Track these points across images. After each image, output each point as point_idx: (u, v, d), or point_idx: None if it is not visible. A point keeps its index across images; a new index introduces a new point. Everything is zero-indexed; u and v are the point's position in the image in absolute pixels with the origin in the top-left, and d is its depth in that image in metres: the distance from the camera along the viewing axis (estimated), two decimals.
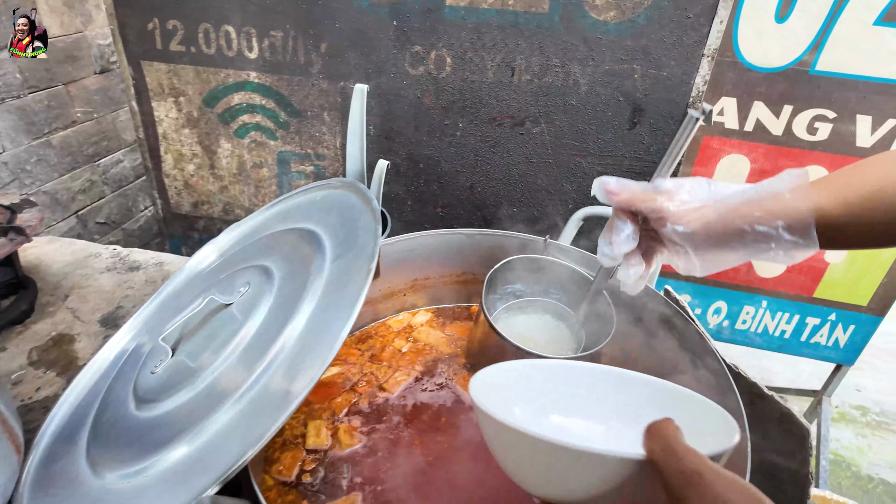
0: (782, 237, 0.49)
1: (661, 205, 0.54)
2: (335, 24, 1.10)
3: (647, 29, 0.99)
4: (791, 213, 0.48)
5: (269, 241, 0.88)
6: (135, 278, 1.18)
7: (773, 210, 0.49)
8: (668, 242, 0.56)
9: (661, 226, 0.54)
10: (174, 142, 1.30)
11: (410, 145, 1.21)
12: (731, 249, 0.52)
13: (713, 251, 0.53)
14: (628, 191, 0.56)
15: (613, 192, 0.57)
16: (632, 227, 0.57)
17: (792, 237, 0.48)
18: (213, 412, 0.63)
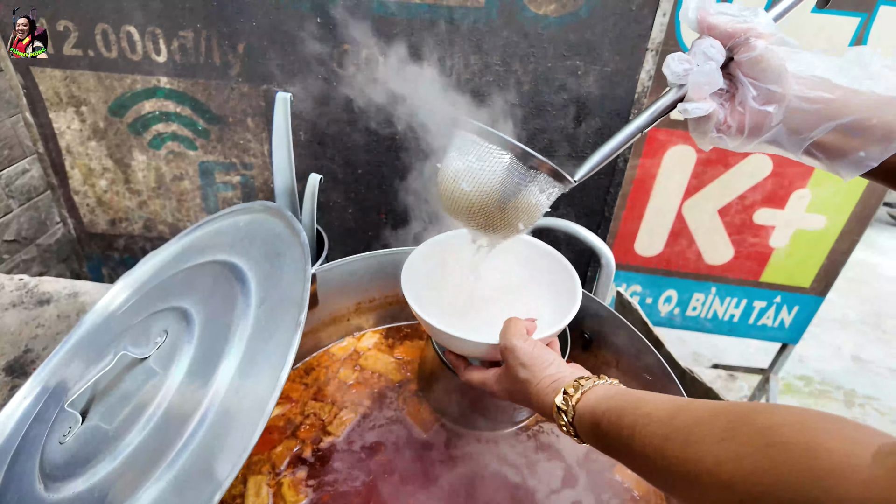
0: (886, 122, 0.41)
1: (758, 26, 0.45)
2: (252, 22, 0.99)
3: (590, 22, 0.94)
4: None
5: (189, 275, 0.79)
6: (45, 314, 1.05)
7: (887, 122, 0.42)
8: (751, 81, 0.46)
9: (750, 49, 0.45)
10: (80, 156, 1.17)
11: (347, 150, 1.12)
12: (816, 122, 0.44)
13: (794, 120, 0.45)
14: (722, 14, 0.46)
15: (708, 13, 0.46)
16: (722, 51, 0.47)
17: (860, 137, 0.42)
18: (134, 492, 0.55)
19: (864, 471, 0.27)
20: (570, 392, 0.50)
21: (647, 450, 0.40)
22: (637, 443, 0.41)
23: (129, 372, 0.66)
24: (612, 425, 0.44)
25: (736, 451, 0.33)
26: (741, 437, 0.33)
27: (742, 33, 0.46)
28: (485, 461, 0.74)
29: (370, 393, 0.85)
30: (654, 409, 0.42)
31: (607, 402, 0.47)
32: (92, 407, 0.66)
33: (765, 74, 0.46)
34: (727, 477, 0.33)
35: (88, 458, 0.60)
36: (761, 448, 0.31)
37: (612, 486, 0.71)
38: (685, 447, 0.36)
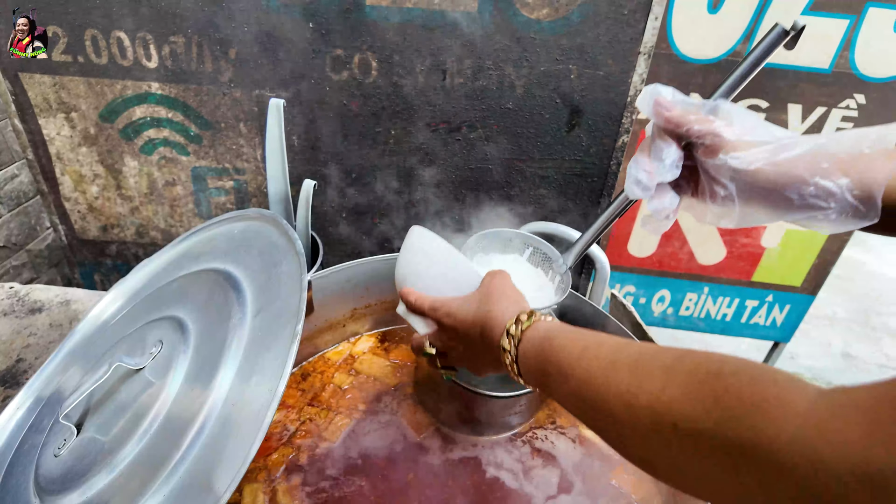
0: (845, 199, 0.41)
1: (719, 129, 0.45)
2: (243, 28, 0.98)
3: (582, 27, 0.94)
4: (863, 173, 0.41)
5: (183, 284, 0.79)
6: (37, 322, 1.04)
7: (844, 164, 0.42)
8: (709, 180, 0.47)
9: (710, 155, 0.46)
10: (71, 162, 1.16)
11: (340, 155, 1.12)
12: (779, 202, 0.44)
13: (759, 199, 0.45)
14: (682, 106, 0.47)
15: (665, 107, 0.47)
16: (677, 152, 0.47)
17: (855, 201, 0.41)
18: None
19: (806, 401, 0.26)
20: (512, 331, 0.49)
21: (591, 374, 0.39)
22: (581, 368, 0.40)
23: (124, 382, 0.65)
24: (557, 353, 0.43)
25: (679, 388, 0.33)
26: (685, 373, 0.33)
27: (704, 135, 0.46)
28: (480, 467, 0.74)
29: (366, 397, 0.85)
30: (604, 339, 0.42)
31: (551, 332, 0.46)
32: (87, 418, 0.65)
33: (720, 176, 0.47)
34: (666, 399, 0.33)
35: (84, 470, 0.60)
36: (707, 376, 0.31)
37: (608, 491, 0.72)
38: (630, 374, 0.36)
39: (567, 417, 0.82)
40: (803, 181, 0.43)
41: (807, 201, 0.43)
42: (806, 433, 0.25)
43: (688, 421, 0.31)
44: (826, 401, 0.26)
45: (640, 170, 0.48)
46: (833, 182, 0.42)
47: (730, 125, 0.46)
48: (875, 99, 1.17)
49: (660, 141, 0.48)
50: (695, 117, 0.46)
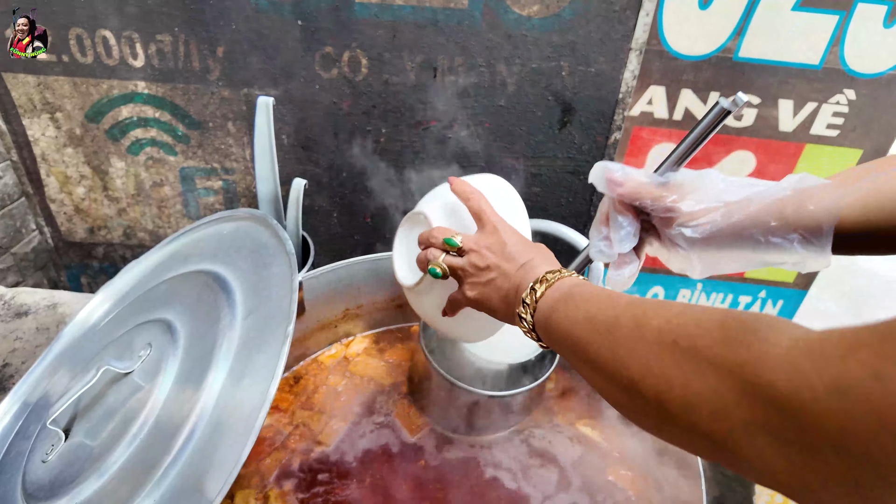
0: (796, 249, 0.45)
1: (671, 204, 0.48)
2: (231, 26, 0.97)
3: (573, 24, 0.94)
4: (809, 223, 0.44)
5: (172, 286, 0.77)
6: (23, 326, 1.03)
7: (790, 220, 0.44)
8: (668, 243, 0.50)
9: (666, 226, 0.49)
10: (56, 163, 1.14)
11: (331, 154, 1.11)
12: (738, 256, 0.48)
13: (717, 257, 0.48)
14: (633, 182, 0.49)
15: (617, 183, 0.49)
16: (634, 224, 0.50)
17: (805, 250, 0.44)
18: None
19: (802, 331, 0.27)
20: (536, 288, 0.48)
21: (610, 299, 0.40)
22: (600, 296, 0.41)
23: (112, 386, 0.64)
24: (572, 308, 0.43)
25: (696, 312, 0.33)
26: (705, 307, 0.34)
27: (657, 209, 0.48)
28: (478, 467, 0.74)
29: (361, 399, 0.84)
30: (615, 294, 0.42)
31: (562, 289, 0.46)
32: (75, 423, 0.64)
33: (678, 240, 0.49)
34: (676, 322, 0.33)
35: (73, 476, 0.58)
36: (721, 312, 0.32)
37: (606, 487, 0.72)
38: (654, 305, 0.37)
39: (564, 416, 0.81)
40: (756, 241, 0.46)
41: (762, 256, 0.47)
42: (793, 353, 0.26)
43: (689, 338, 0.32)
44: (820, 331, 0.27)
45: (600, 238, 0.52)
46: (782, 238, 0.45)
47: (682, 197, 0.48)
48: (865, 94, 1.17)
49: (617, 214, 0.51)
50: (646, 192, 0.49)
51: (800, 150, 1.25)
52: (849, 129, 1.21)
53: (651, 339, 0.34)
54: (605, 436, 0.78)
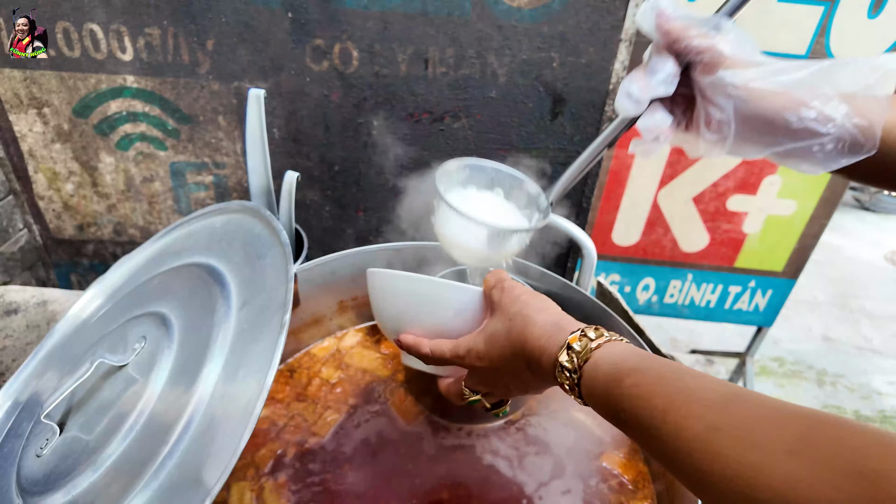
0: (845, 125, 0.40)
1: (719, 45, 0.44)
2: (220, 18, 0.96)
3: (563, 14, 0.94)
4: (865, 102, 0.40)
5: (165, 280, 0.77)
6: (13, 324, 1.02)
7: (846, 92, 0.41)
8: (705, 102, 0.46)
9: (709, 72, 0.44)
10: (44, 159, 1.13)
11: (322, 147, 1.11)
12: (775, 127, 0.43)
13: (754, 123, 0.44)
14: (683, 20, 0.45)
15: (666, 19, 0.45)
16: (673, 67, 0.46)
17: (854, 129, 0.40)
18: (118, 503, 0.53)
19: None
20: (574, 347, 0.42)
21: (685, 436, 0.32)
22: (671, 425, 0.33)
23: (107, 380, 0.64)
24: (638, 396, 0.36)
25: (817, 473, 0.26)
26: (822, 453, 0.26)
27: (704, 51, 0.45)
28: (473, 454, 0.74)
29: (356, 390, 0.84)
30: (699, 386, 0.34)
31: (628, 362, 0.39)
32: (70, 417, 0.63)
33: (717, 95, 0.45)
34: (800, 500, 0.26)
35: (68, 470, 0.58)
36: (851, 475, 0.25)
37: (600, 472, 0.72)
38: (744, 449, 0.29)
39: (560, 401, 0.82)
40: (802, 104, 0.42)
41: (805, 125, 0.42)
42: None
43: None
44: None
45: (633, 83, 0.47)
46: (833, 106, 0.41)
47: (730, 43, 0.45)
48: None
49: (656, 56, 0.46)
50: (696, 31, 0.45)
51: None
52: None
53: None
54: (599, 421, 0.79)
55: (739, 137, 0.46)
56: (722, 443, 0.30)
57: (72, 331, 0.81)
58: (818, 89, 0.41)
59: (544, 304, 0.49)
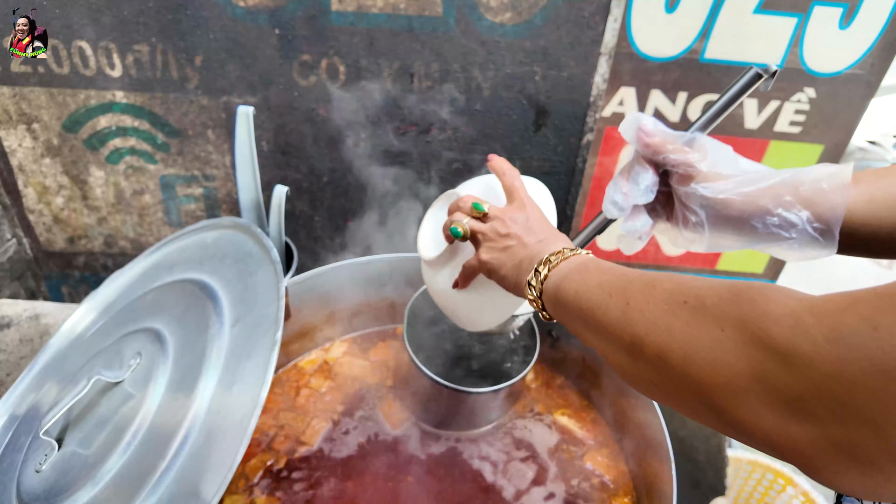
0: (805, 229, 0.45)
1: (693, 160, 0.49)
2: (209, 35, 0.98)
3: (545, 30, 0.97)
4: (822, 205, 0.45)
5: (158, 295, 0.79)
6: (6, 338, 1.03)
7: (804, 198, 0.45)
8: (681, 206, 0.51)
9: (683, 183, 0.50)
10: (34, 174, 1.13)
11: (310, 159, 1.13)
12: (745, 230, 0.48)
13: (726, 227, 0.49)
14: (662, 135, 0.50)
15: (647, 133, 0.50)
16: (653, 177, 0.51)
17: (814, 233, 0.45)
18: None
19: (809, 294, 0.28)
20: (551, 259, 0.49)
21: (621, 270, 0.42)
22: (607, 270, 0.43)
23: (104, 396, 0.66)
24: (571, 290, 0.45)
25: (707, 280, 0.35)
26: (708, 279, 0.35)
27: (679, 164, 0.50)
28: (460, 459, 0.77)
29: (344, 398, 0.86)
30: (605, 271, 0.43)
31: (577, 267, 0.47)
32: (68, 433, 0.65)
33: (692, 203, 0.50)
34: (688, 283, 0.35)
35: (68, 485, 0.60)
36: (731, 281, 0.33)
37: (582, 472, 0.75)
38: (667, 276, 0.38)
39: (544, 404, 0.84)
40: (767, 212, 0.46)
41: (770, 230, 0.47)
42: (796, 309, 0.27)
43: (699, 298, 0.33)
44: (822, 294, 0.28)
45: (617, 191, 0.52)
46: (794, 214, 0.46)
47: (703, 157, 0.49)
48: (824, 92, 1.23)
49: (638, 166, 0.51)
50: (672, 146, 0.50)
51: (765, 146, 1.30)
52: (810, 125, 1.27)
53: (660, 299, 0.36)
54: (581, 424, 0.82)
55: (715, 237, 0.51)
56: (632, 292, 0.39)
57: (66, 346, 0.82)
58: (782, 197, 0.46)
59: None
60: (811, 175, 0.46)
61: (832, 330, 0.25)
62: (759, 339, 0.28)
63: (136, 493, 0.54)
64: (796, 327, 0.26)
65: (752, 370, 0.28)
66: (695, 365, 0.31)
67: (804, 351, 0.26)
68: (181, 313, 0.71)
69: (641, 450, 0.73)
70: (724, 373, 0.29)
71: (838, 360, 0.24)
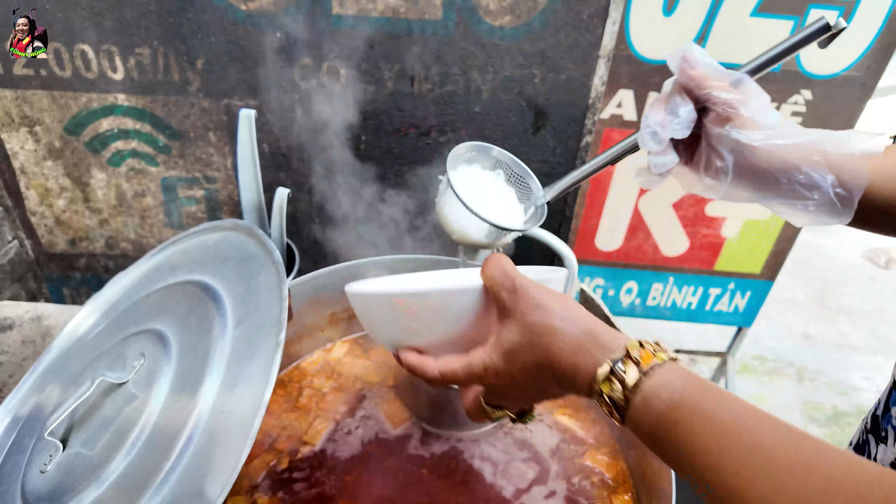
0: (828, 193, 0.45)
1: (734, 101, 0.47)
2: (210, 38, 0.99)
3: (544, 33, 0.98)
4: (848, 171, 0.44)
5: (161, 297, 0.79)
6: (8, 340, 1.03)
7: (832, 161, 0.45)
8: (709, 149, 0.49)
9: (719, 124, 0.48)
10: (36, 176, 1.14)
11: (311, 161, 1.13)
12: (768, 184, 0.47)
13: (749, 178, 0.48)
14: (708, 69, 0.48)
15: (691, 65, 0.48)
16: (693, 113, 0.49)
17: (835, 198, 0.45)
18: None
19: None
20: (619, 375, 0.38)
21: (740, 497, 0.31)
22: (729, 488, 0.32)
23: (108, 397, 0.66)
24: (691, 445, 0.34)
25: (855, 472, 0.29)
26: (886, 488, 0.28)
27: (719, 102, 0.48)
28: (461, 459, 0.77)
29: (346, 398, 0.87)
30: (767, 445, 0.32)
31: (687, 401, 0.36)
32: (72, 434, 0.66)
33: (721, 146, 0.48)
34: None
35: (72, 486, 0.60)
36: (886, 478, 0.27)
37: (582, 470, 0.76)
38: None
39: (545, 404, 0.85)
40: (795, 168, 0.45)
41: (793, 188, 0.46)
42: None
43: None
44: None
45: (656, 122, 0.49)
46: (821, 175, 0.45)
47: (746, 101, 0.48)
48: (820, 94, 1.24)
49: (678, 97, 0.49)
50: (717, 81, 0.48)
51: None
52: (807, 126, 1.28)
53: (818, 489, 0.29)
54: (581, 423, 0.82)
55: (734, 186, 0.49)
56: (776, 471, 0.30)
57: (69, 347, 0.83)
58: (811, 156, 0.45)
59: (566, 306, 0.44)
60: (844, 139, 0.45)
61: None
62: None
63: (141, 494, 0.55)
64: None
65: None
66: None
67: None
68: (184, 315, 0.71)
69: (641, 448, 0.74)
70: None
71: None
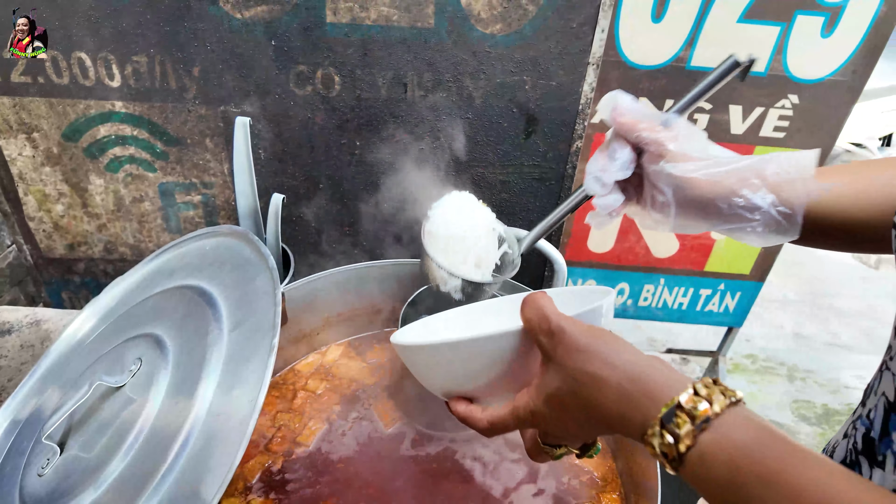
0: (769, 212, 0.46)
1: (663, 139, 0.50)
2: (206, 46, 1.00)
3: (535, 40, 0.99)
4: (787, 191, 0.46)
5: (158, 302, 0.81)
6: (7, 344, 1.04)
7: (771, 182, 0.46)
8: (650, 186, 0.52)
9: (653, 162, 0.51)
10: (34, 182, 1.15)
11: (307, 166, 1.15)
12: (711, 212, 0.49)
13: (692, 208, 0.50)
14: (636, 113, 0.51)
15: (619, 113, 0.52)
16: (630, 155, 0.52)
17: (778, 216, 0.46)
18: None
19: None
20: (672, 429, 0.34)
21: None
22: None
23: (106, 400, 0.67)
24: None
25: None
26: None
27: (650, 143, 0.51)
28: (454, 458, 0.79)
29: (341, 399, 0.88)
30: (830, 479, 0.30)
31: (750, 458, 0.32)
32: (70, 437, 0.67)
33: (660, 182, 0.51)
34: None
35: (70, 488, 0.61)
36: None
37: (571, 469, 0.78)
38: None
39: None
40: (733, 193, 0.47)
41: (735, 212, 0.47)
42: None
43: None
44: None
45: (597, 168, 0.54)
46: (760, 196, 0.46)
47: (674, 138, 0.50)
48: (807, 98, 1.26)
49: (616, 143, 0.53)
50: (645, 125, 0.51)
51: (750, 151, 1.33)
52: (794, 130, 1.30)
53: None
54: None
55: (681, 218, 0.52)
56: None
57: (68, 351, 0.84)
58: (748, 180, 0.47)
59: (610, 349, 0.39)
60: (777, 161, 0.47)
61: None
62: None
63: (138, 496, 0.56)
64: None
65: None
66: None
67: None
68: (181, 319, 0.73)
69: (629, 447, 0.76)
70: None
71: None
